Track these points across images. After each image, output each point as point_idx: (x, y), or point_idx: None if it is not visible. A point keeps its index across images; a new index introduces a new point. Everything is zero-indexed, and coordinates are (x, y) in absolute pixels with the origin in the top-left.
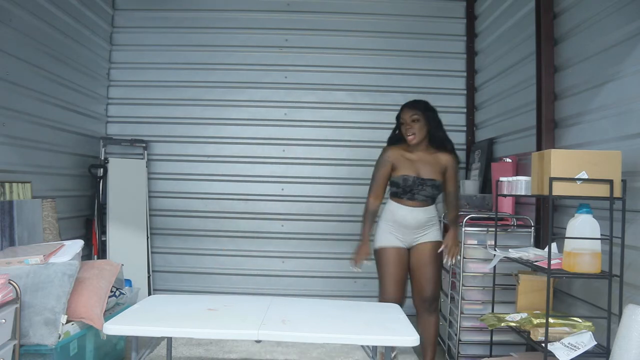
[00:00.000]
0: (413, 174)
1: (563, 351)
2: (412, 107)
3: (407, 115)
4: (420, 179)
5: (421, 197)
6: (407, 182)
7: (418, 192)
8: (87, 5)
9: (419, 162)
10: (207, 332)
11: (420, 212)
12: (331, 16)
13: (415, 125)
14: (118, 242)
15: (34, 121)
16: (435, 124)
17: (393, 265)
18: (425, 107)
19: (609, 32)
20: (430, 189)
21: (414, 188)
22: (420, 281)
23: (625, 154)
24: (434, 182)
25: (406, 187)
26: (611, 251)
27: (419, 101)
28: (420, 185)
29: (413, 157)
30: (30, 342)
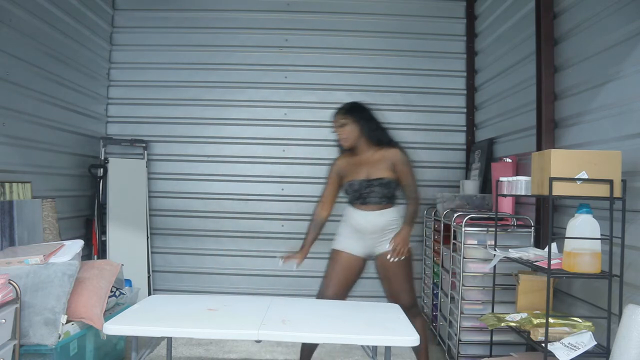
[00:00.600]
0: (358, 178)
1: (563, 351)
2: (338, 113)
3: (334, 122)
4: (367, 180)
5: (374, 199)
6: (353, 187)
7: (368, 195)
8: (87, 5)
9: (364, 165)
10: (207, 332)
11: (375, 215)
12: (331, 16)
13: (343, 130)
14: (118, 242)
15: (34, 121)
16: (366, 122)
17: (341, 268)
18: (351, 108)
19: (609, 32)
20: (380, 188)
21: (362, 192)
22: (392, 291)
23: (625, 154)
24: (381, 181)
25: (354, 192)
26: (611, 251)
27: (345, 105)
28: (367, 187)
29: (358, 160)
30: (30, 342)
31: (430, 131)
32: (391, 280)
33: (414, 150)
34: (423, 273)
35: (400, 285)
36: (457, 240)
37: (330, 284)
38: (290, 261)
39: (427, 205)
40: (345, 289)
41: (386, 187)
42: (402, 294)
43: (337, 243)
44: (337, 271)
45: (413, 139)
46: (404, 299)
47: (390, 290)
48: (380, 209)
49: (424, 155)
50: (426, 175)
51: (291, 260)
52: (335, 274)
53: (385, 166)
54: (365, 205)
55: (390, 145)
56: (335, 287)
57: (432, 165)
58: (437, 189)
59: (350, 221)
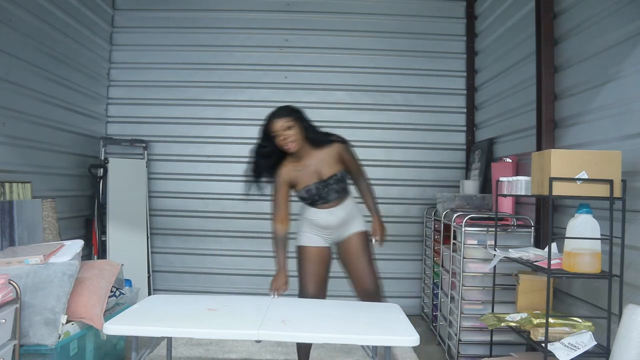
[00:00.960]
0: (312, 182)
1: (563, 351)
2: (280, 116)
3: (278, 125)
4: (322, 181)
5: (334, 196)
6: (312, 192)
7: (327, 194)
8: (87, 5)
9: (313, 167)
10: (207, 332)
11: (339, 210)
12: (331, 16)
13: (290, 133)
14: (118, 242)
15: (34, 121)
16: (307, 124)
17: (313, 263)
18: (292, 111)
19: (609, 32)
20: (336, 185)
21: (321, 193)
22: (358, 274)
23: (625, 154)
24: (336, 177)
25: (313, 196)
26: (611, 251)
27: (283, 107)
28: (324, 187)
29: (304, 165)
30: (30, 342)
31: (430, 131)
32: (355, 265)
33: (414, 151)
34: (423, 273)
35: (365, 268)
36: (457, 240)
37: (310, 280)
38: (280, 290)
39: (427, 205)
40: (324, 283)
41: (341, 181)
42: (366, 278)
43: (303, 239)
44: (312, 267)
45: (413, 139)
46: (369, 283)
47: (357, 272)
48: (342, 202)
49: (424, 155)
50: (426, 175)
51: (280, 289)
52: (311, 270)
53: (334, 161)
54: (328, 204)
55: (330, 141)
56: (315, 283)
57: (432, 165)
58: (437, 189)
59: (315, 220)
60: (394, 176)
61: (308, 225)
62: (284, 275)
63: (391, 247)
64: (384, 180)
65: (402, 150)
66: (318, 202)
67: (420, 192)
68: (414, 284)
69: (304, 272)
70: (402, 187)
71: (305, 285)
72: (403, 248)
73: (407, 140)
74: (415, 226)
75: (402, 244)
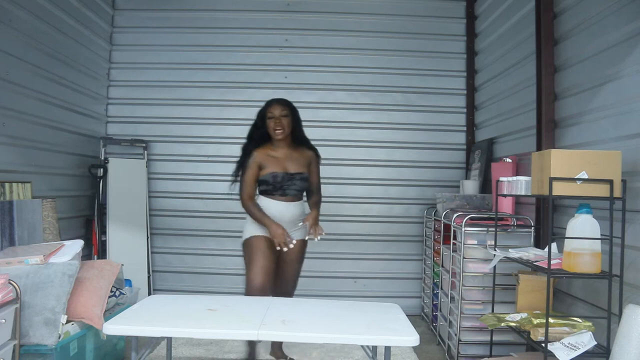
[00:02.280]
0: (281, 171)
1: (563, 351)
2: (281, 103)
3: (276, 110)
4: (289, 174)
5: (292, 192)
6: (277, 179)
7: (288, 187)
8: (87, 5)
9: (285, 159)
10: (207, 332)
11: (294, 206)
12: (331, 16)
13: (284, 121)
14: (118, 242)
15: (34, 121)
16: (299, 122)
17: (263, 254)
18: (291, 104)
19: (609, 32)
20: (300, 182)
21: (283, 184)
22: (284, 279)
23: (625, 154)
24: (302, 175)
25: (276, 183)
26: (611, 251)
27: (282, 98)
28: (289, 180)
29: (278, 154)
30: (30, 342)
31: (430, 131)
32: (286, 270)
33: (414, 151)
34: (423, 273)
35: (292, 276)
36: (457, 240)
37: (259, 272)
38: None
39: (427, 205)
40: (271, 274)
41: (304, 181)
42: (292, 282)
43: (251, 232)
44: (261, 258)
45: (413, 139)
46: (291, 287)
47: (284, 276)
48: (296, 200)
49: (424, 155)
50: (426, 175)
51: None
52: (261, 261)
53: (304, 163)
54: (285, 197)
55: (308, 146)
56: (264, 275)
57: (432, 165)
58: (437, 189)
59: (269, 211)
60: (394, 176)
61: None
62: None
63: (391, 247)
64: (384, 180)
65: (402, 150)
66: (276, 193)
67: (420, 192)
68: (414, 284)
69: (253, 263)
70: (402, 187)
71: (253, 277)
72: (403, 248)
73: (407, 140)
74: (415, 226)
75: (402, 244)
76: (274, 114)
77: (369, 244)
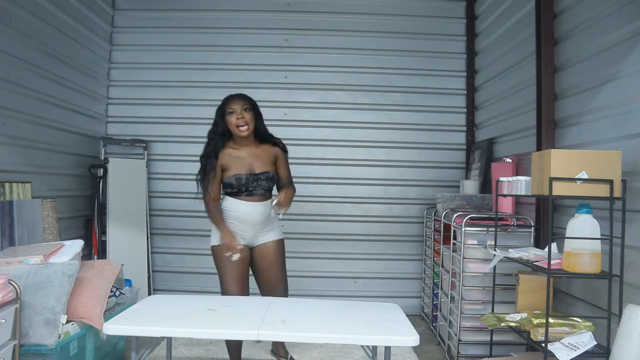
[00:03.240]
0: (245, 172)
1: (563, 351)
2: (242, 97)
3: (238, 105)
4: (254, 174)
5: (259, 192)
6: (241, 182)
7: (254, 188)
8: (87, 5)
9: (249, 158)
10: (207, 332)
11: (261, 206)
12: (331, 16)
13: (247, 115)
14: (118, 242)
15: (34, 121)
16: (261, 118)
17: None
18: (253, 99)
19: (608, 32)
20: (266, 182)
21: (248, 185)
22: (268, 283)
23: (625, 154)
24: (267, 175)
25: (240, 186)
26: (611, 251)
27: (244, 93)
28: (254, 181)
29: (242, 154)
30: (30, 342)
31: (430, 131)
32: (270, 272)
33: (414, 151)
34: (423, 273)
35: (279, 274)
36: (457, 240)
37: (232, 281)
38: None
39: (427, 205)
40: (246, 281)
41: (271, 180)
42: (279, 286)
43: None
44: (233, 269)
45: (413, 139)
46: (280, 290)
47: (268, 281)
48: (264, 200)
49: (424, 155)
50: (426, 175)
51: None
52: (231, 269)
53: (269, 160)
54: (251, 197)
55: (273, 142)
56: (237, 283)
57: (432, 165)
58: (437, 189)
59: (235, 213)
60: (394, 176)
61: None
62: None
63: (391, 247)
64: (384, 180)
65: (402, 150)
66: (242, 194)
67: (420, 192)
68: (414, 284)
69: (224, 272)
70: (402, 187)
71: (227, 286)
72: (403, 248)
73: (407, 140)
74: (415, 226)
75: (402, 244)
76: (234, 108)
77: (369, 244)
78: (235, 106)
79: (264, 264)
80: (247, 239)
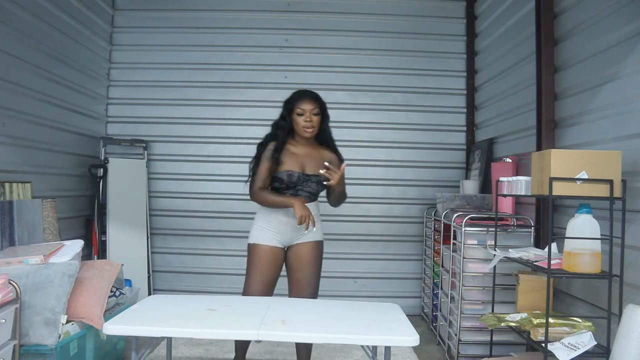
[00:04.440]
0: (298, 170)
1: (563, 351)
2: (315, 99)
3: (309, 106)
4: (305, 175)
5: (305, 194)
6: (292, 178)
7: (302, 189)
8: (87, 5)
9: (304, 157)
10: (207, 332)
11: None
12: (331, 16)
13: (315, 119)
14: (118, 242)
15: (34, 121)
16: (327, 121)
17: (265, 264)
18: (323, 102)
19: (608, 32)
20: (315, 185)
21: (298, 184)
22: (299, 283)
23: (625, 154)
24: (318, 178)
25: (290, 183)
26: (611, 251)
27: (316, 94)
28: (305, 181)
29: (298, 151)
30: (30, 342)
31: (430, 131)
32: (302, 272)
33: (414, 151)
34: (423, 273)
35: (310, 276)
36: (457, 240)
37: (257, 281)
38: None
39: (427, 205)
40: (271, 285)
41: (321, 185)
42: (308, 288)
43: (256, 237)
44: (262, 267)
45: (413, 139)
46: (309, 293)
47: (299, 281)
48: (306, 202)
49: (424, 155)
50: (426, 175)
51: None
52: (261, 270)
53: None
54: (297, 197)
55: (332, 149)
56: (262, 284)
57: (432, 165)
58: (437, 189)
59: (275, 212)
60: (394, 176)
61: (265, 220)
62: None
63: (391, 247)
64: (384, 180)
65: (402, 150)
66: (287, 192)
67: (420, 192)
68: (414, 284)
69: (253, 271)
70: (402, 187)
71: (251, 286)
72: (403, 248)
73: (407, 140)
74: (415, 226)
75: (402, 244)
76: (304, 109)
77: (369, 244)
78: (306, 107)
79: (298, 264)
80: (283, 240)
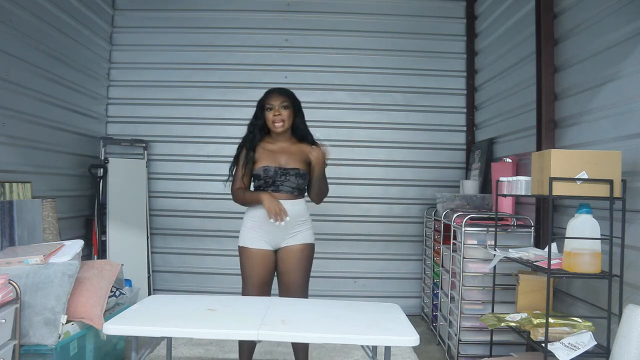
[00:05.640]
0: (274, 165)
1: (563, 351)
2: (282, 93)
3: (276, 101)
4: (283, 169)
5: (286, 188)
6: (268, 173)
7: (282, 183)
8: (87, 5)
9: (280, 153)
10: (207, 332)
11: (288, 205)
12: (331, 16)
13: (284, 112)
14: (118, 242)
15: (34, 121)
16: (300, 115)
17: (257, 267)
18: (293, 95)
19: (608, 32)
20: (295, 179)
21: (276, 179)
22: (287, 286)
23: (625, 154)
24: (297, 171)
25: (267, 178)
26: (611, 251)
27: (284, 88)
28: (283, 175)
29: (274, 147)
30: (30, 342)
31: (430, 131)
32: (291, 275)
33: (414, 151)
34: (423, 273)
35: (296, 281)
36: (457, 240)
37: (252, 284)
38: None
39: (427, 205)
40: (267, 286)
41: (301, 178)
42: (297, 292)
43: (245, 239)
44: (254, 271)
45: (413, 139)
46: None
47: (287, 284)
48: (292, 199)
49: (424, 155)
50: (426, 175)
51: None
52: (253, 273)
53: (302, 158)
54: (278, 194)
55: (310, 142)
56: (257, 287)
57: (432, 165)
58: (437, 189)
59: (260, 211)
60: (394, 176)
61: (250, 219)
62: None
63: (391, 247)
64: (384, 180)
65: (402, 150)
66: (268, 189)
67: (420, 192)
68: (414, 284)
69: (245, 274)
70: (402, 187)
71: (247, 288)
72: (403, 248)
73: (407, 140)
74: (415, 226)
75: (402, 244)
76: (273, 104)
77: (369, 244)
78: (274, 102)
79: (285, 267)
80: (272, 241)
